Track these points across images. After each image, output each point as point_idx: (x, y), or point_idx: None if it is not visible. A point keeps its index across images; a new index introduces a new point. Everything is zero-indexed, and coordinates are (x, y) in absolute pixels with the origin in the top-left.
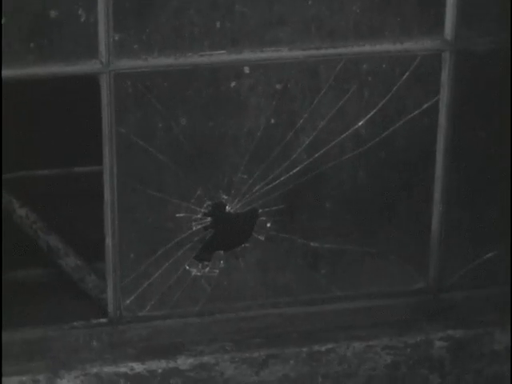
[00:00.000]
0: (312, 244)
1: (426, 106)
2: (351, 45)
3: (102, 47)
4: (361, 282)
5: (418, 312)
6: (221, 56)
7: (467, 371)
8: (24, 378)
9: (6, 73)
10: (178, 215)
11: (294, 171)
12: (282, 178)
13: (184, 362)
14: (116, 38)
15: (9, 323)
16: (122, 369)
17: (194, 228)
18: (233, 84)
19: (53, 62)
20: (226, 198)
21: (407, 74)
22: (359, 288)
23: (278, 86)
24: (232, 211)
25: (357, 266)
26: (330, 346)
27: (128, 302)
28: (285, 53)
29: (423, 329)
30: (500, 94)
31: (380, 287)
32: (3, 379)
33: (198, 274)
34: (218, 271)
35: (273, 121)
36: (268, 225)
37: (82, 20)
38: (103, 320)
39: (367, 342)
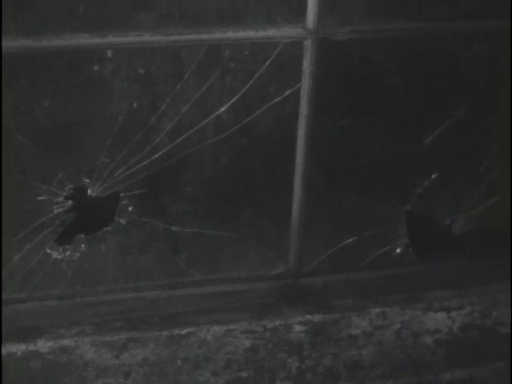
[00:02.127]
0: (173, 228)
1: (287, 93)
2: (214, 31)
3: None
4: (221, 266)
5: (277, 296)
6: (84, 39)
7: (325, 355)
8: None
9: None
10: (38, 198)
11: (157, 156)
12: (144, 163)
13: (44, 345)
14: None
15: None
16: None
17: (55, 211)
18: (96, 68)
19: None
20: (87, 181)
21: (269, 61)
22: (220, 272)
23: (140, 71)
24: (93, 195)
25: (218, 250)
26: (189, 329)
27: None
28: (147, 38)
29: (282, 313)
30: (360, 84)
31: (240, 272)
32: None
33: (59, 257)
34: (78, 255)
35: (135, 105)
36: (130, 209)
37: None
38: None
39: (227, 326)
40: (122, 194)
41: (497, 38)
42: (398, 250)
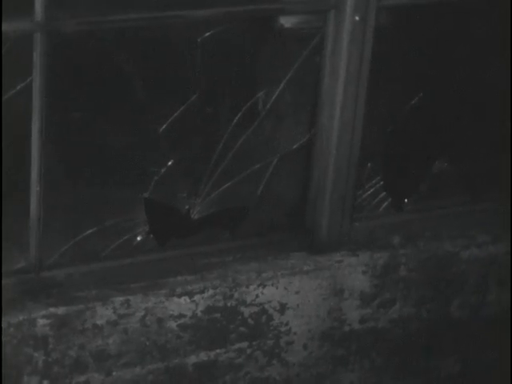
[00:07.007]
0: None
1: (19, 87)
2: None
3: None
4: None
5: (20, 291)
6: None
7: (71, 347)
8: None
9: None
10: None
11: None
12: None
13: None
14: None
15: None
16: None
17: None
18: None
19: None
20: None
21: None
22: None
23: None
24: None
25: None
26: None
27: None
28: None
29: (26, 308)
30: (93, 75)
31: None
32: None
33: None
34: None
35: None
36: None
37: None
38: None
39: None
40: None
41: (225, 25)
42: (138, 238)
